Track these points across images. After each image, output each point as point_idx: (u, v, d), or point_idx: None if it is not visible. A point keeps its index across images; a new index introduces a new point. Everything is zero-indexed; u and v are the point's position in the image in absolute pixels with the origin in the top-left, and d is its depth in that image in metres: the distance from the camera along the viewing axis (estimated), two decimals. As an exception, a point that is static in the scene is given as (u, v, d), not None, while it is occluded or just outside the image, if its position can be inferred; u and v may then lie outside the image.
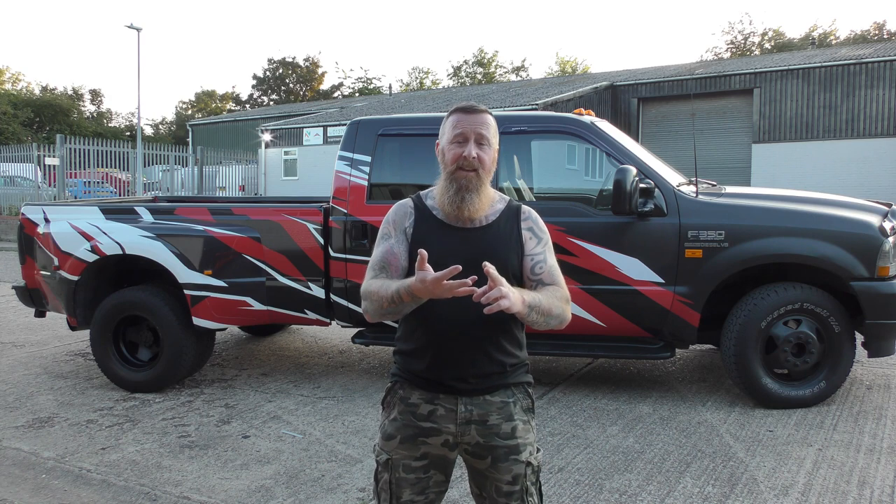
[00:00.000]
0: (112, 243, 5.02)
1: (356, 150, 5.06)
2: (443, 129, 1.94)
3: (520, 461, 1.89)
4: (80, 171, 19.03)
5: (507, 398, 1.91)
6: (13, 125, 40.76)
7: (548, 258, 1.96)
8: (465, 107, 1.91)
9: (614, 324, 4.64)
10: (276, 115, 35.37)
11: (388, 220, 1.98)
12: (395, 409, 1.93)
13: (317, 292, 5.00)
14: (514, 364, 1.94)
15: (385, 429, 1.94)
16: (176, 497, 3.39)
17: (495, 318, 1.83)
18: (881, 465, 3.62)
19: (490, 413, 1.88)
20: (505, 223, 1.94)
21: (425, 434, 1.88)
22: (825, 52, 26.12)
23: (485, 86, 41.72)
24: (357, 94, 54.64)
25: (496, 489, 1.90)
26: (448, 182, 1.88)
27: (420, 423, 1.89)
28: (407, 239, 1.93)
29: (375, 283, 1.86)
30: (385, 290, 1.80)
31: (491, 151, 1.90)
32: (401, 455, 1.90)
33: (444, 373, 1.87)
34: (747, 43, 49.64)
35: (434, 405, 1.88)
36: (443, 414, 1.88)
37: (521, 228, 1.95)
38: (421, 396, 1.90)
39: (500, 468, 1.88)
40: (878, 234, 4.35)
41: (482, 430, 1.87)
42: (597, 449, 3.89)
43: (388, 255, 1.92)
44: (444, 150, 1.92)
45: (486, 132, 1.88)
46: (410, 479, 1.90)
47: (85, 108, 59.64)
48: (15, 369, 5.72)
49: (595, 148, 4.80)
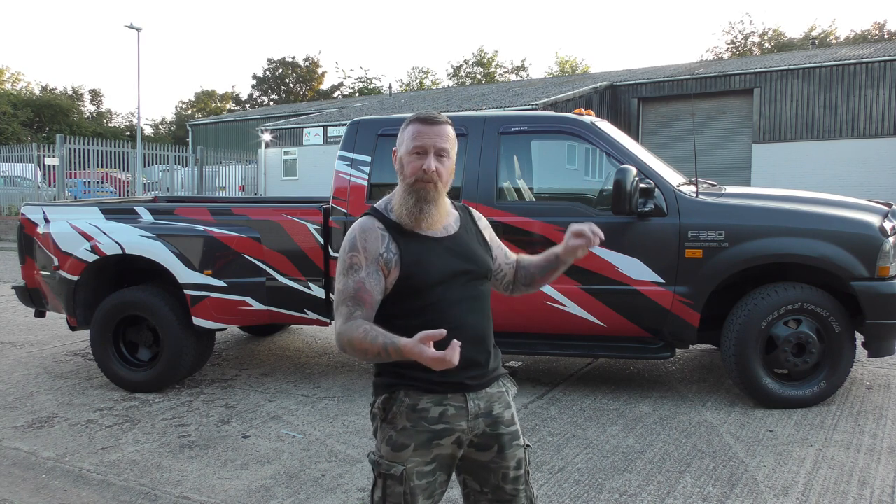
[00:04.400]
0: (112, 243, 5.02)
1: (356, 150, 5.06)
2: (401, 138, 1.92)
3: (520, 445, 1.97)
4: (79, 171, 19.03)
5: (501, 388, 1.99)
6: (13, 125, 40.76)
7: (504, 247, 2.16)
8: (424, 117, 1.89)
9: (614, 324, 4.64)
10: (276, 115, 35.36)
11: (357, 246, 1.87)
12: (403, 418, 1.88)
13: (317, 292, 5.00)
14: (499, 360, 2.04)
15: (393, 441, 1.88)
16: (176, 497, 3.39)
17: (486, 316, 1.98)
18: (881, 465, 3.62)
19: (493, 403, 1.94)
20: (468, 226, 2.02)
21: (439, 436, 1.87)
22: (825, 52, 26.12)
23: (485, 86, 41.69)
24: (357, 94, 54.63)
25: (503, 477, 1.94)
26: (407, 193, 1.88)
27: (432, 426, 1.87)
28: (381, 267, 1.86)
29: (357, 331, 1.78)
30: (371, 342, 1.75)
31: (449, 163, 1.91)
32: (414, 463, 1.87)
33: (451, 375, 1.85)
34: (747, 43, 49.64)
35: (444, 406, 1.88)
36: (454, 413, 1.88)
37: (480, 228, 2.07)
38: (430, 400, 1.87)
39: (506, 455, 1.93)
40: (878, 234, 4.35)
41: (489, 420, 1.92)
42: (597, 449, 3.89)
43: (360, 293, 1.84)
44: (402, 160, 1.90)
45: (445, 144, 1.88)
46: (422, 486, 1.88)
47: (85, 108, 59.65)
48: (15, 369, 5.72)
49: (595, 148, 4.80)
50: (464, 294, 1.91)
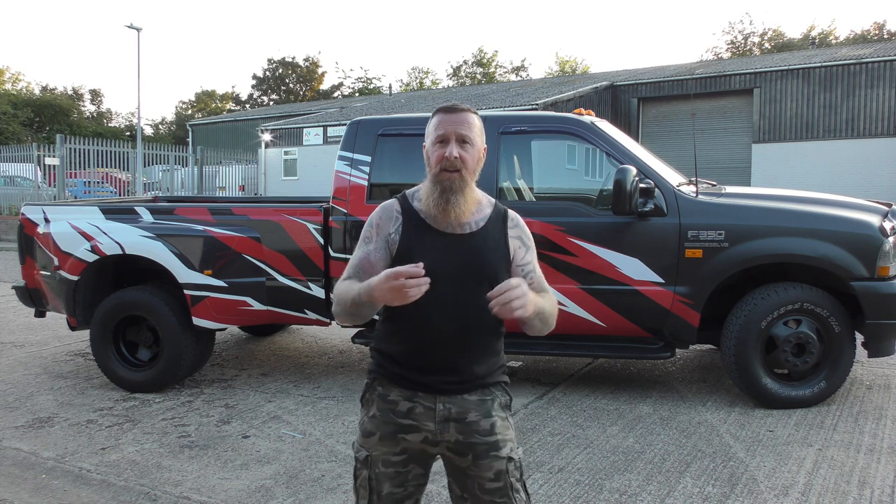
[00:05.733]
0: (112, 243, 5.02)
1: (356, 150, 5.06)
2: (427, 131, 1.92)
3: (500, 457, 1.87)
4: (80, 171, 19.03)
5: (485, 396, 1.91)
6: (13, 125, 40.78)
7: (536, 267, 1.97)
8: (446, 107, 1.89)
9: (614, 324, 4.64)
10: (276, 115, 35.36)
11: (372, 222, 1.96)
12: (374, 406, 1.92)
13: (317, 292, 5.00)
14: (494, 365, 1.94)
15: (364, 426, 1.94)
16: (176, 497, 3.39)
17: (481, 325, 1.86)
18: (881, 465, 3.62)
19: (469, 410, 1.87)
20: (493, 229, 1.91)
21: (404, 431, 1.88)
22: (825, 52, 26.13)
23: (484, 86, 41.71)
24: (357, 94, 54.64)
25: (480, 487, 1.89)
26: (433, 184, 1.86)
27: (399, 419, 1.88)
28: (388, 246, 1.90)
29: (342, 286, 1.88)
30: (348, 291, 1.83)
31: (474, 151, 1.86)
32: (380, 451, 1.90)
33: (424, 375, 1.87)
34: (747, 43, 49.65)
35: (413, 402, 1.88)
36: (421, 412, 1.87)
37: (508, 236, 1.93)
38: (400, 394, 1.89)
39: (481, 465, 1.87)
40: (878, 234, 4.35)
41: (461, 427, 1.86)
42: (597, 449, 3.89)
43: (363, 263, 1.91)
44: (428, 152, 1.90)
45: (467, 132, 1.84)
46: (389, 473, 1.90)
47: (85, 108, 59.70)
48: (15, 369, 5.72)
49: (595, 148, 4.80)
50: (458, 297, 1.83)
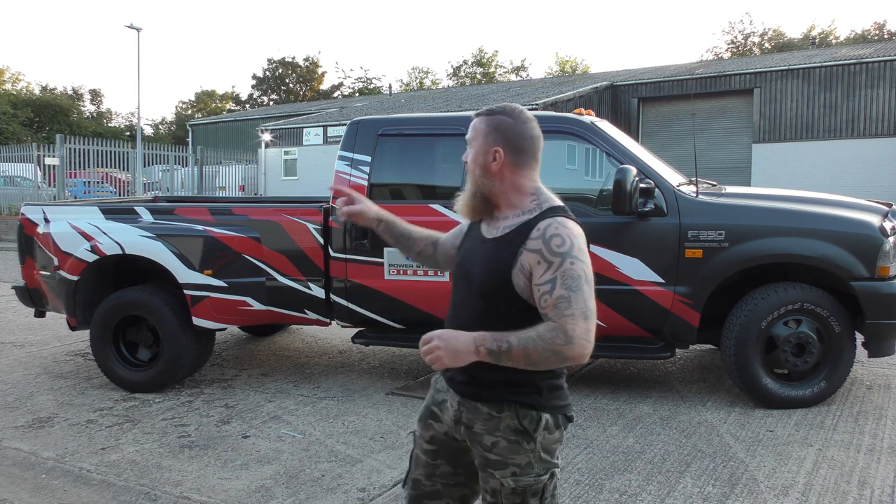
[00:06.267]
0: (112, 243, 5.02)
1: (356, 150, 5.06)
2: None
3: (495, 477, 1.81)
4: (79, 171, 19.02)
5: (495, 412, 1.81)
6: (13, 125, 40.78)
7: (555, 288, 1.69)
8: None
9: (614, 324, 4.64)
10: (276, 115, 35.36)
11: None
12: (431, 388, 2.05)
13: (317, 292, 5.00)
14: (513, 381, 1.78)
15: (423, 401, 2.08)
16: (176, 497, 3.39)
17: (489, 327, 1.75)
18: (881, 465, 3.62)
19: (477, 420, 1.84)
20: (512, 239, 1.80)
21: (434, 417, 1.99)
22: (825, 52, 26.12)
23: (484, 86, 41.69)
24: (357, 94, 54.63)
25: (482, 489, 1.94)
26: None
27: (432, 406, 2.00)
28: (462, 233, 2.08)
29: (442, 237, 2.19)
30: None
31: (471, 152, 1.91)
32: (419, 433, 2.02)
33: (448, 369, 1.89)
34: (747, 43, 49.65)
35: (445, 395, 1.96)
36: (447, 406, 1.95)
37: (522, 249, 1.76)
38: (442, 384, 1.99)
39: (481, 474, 1.90)
40: (878, 234, 4.35)
41: (468, 433, 1.87)
42: (597, 449, 3.89)
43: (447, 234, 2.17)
44: None
45: (469, 136, 1.93)
46: (423, 461, 2.00)
47: (85, 108, 59.67)
48: (15, 369, 5.72)
49: (595, 148, 4.80)
50: (457, 300, 1.93)
